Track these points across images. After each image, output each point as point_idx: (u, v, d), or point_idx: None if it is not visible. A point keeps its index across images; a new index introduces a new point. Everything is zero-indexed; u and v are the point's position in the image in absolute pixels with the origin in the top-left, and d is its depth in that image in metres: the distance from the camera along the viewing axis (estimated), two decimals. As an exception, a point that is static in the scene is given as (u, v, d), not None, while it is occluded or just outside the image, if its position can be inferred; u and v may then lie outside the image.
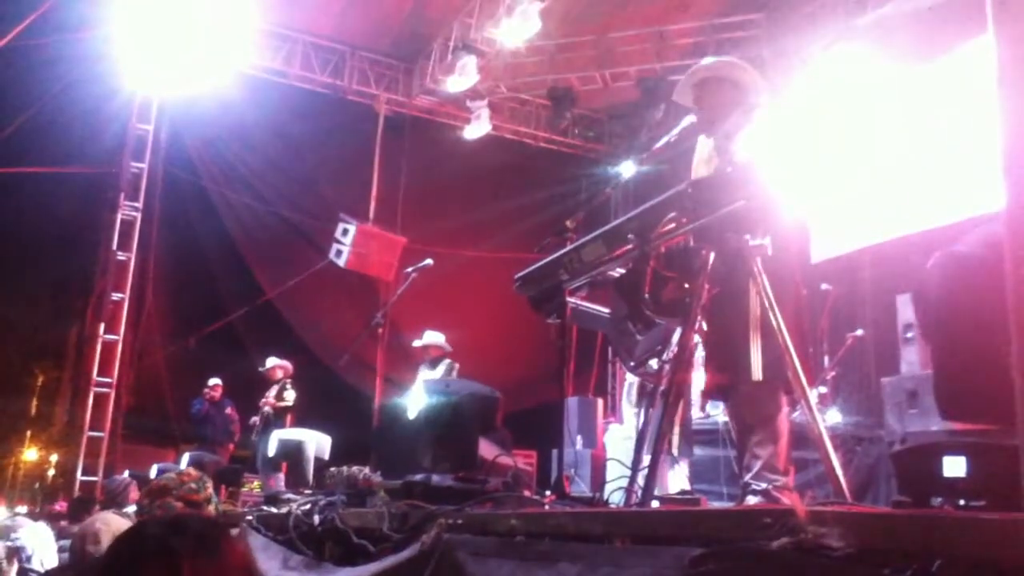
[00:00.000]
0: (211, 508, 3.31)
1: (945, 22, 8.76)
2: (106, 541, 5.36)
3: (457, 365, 8.75)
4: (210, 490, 3.34)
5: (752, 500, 3.38)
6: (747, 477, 3.48)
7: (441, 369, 8.66)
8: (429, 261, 7.81)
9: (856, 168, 10.01)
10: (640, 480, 3.33)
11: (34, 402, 30.08)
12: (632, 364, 4.03)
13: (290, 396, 10.14)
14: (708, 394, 3.67)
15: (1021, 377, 1.18)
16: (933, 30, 9.04)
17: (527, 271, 3.97)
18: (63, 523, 7.70)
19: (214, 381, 11.67)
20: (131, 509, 6.01)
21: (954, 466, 2.08)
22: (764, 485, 3.38)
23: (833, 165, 10.29)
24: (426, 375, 8.70)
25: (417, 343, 9.08)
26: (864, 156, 9.89)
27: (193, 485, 3.26)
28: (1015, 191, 1.24)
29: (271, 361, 10.66)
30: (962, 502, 2.12)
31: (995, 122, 1.35)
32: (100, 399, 11.31)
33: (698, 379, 3.92)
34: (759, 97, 3.90)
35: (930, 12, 9.14)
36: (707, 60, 4.20)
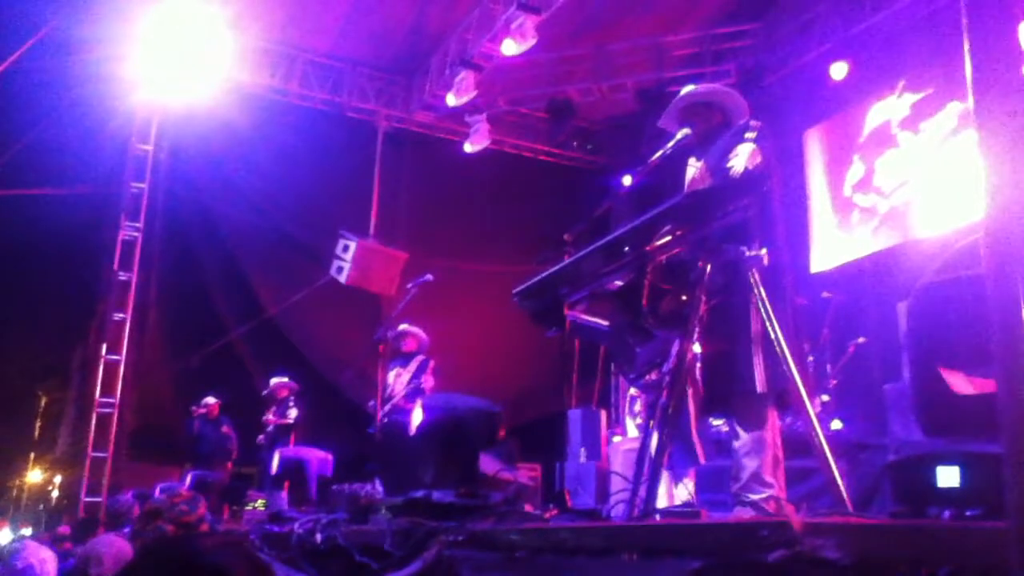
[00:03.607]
0: (205, 528, 3.30)
1: (942, 31, 8.79)
2: (108, 563, 5.35)
3: (432, 362, 8.52)
4: (202, 510, 3.33)
5: (741, 511, 3.41)
6: (735, 488, 3.51)
7: (413, 366, 8.40)
8: (429, 276, 7.80)
9: (857, 179, 10.04)
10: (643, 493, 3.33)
11: (38, 424, 30.10)
12: (632, 376, 4.02)
13: (293, 414, 10.14)
14: (707, 406, 3.67)
15: (1004, 387, 1.19)
16: (931, 39, 9.08)
17: (526, 285, 3.97)
18: (67, 545, 7.70)
19: (209, 400, 11.64)
20: (133, 530, 6.00)
21: (948, 476, 2.08)
22: (753, 496, 3.41)
23: (834, 176, 10.32)
24: (396, 371, 8.53)
25: (392, 333, 8.74)
26: (865, 167, 9.93)
27: (184, 507, 3.26)
28: (995, 211, 1.27)
29: (275, 380, 10.64)
30: (965, 512, 2.12)
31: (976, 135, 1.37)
32: (104, 419, 11.30)
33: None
34: (747, 121, 3.93)
35: (927, 21, 9.18)
36: (689, 88, 4.25)
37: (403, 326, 8.80)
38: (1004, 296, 1.20)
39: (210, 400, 11.62)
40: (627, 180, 4.22)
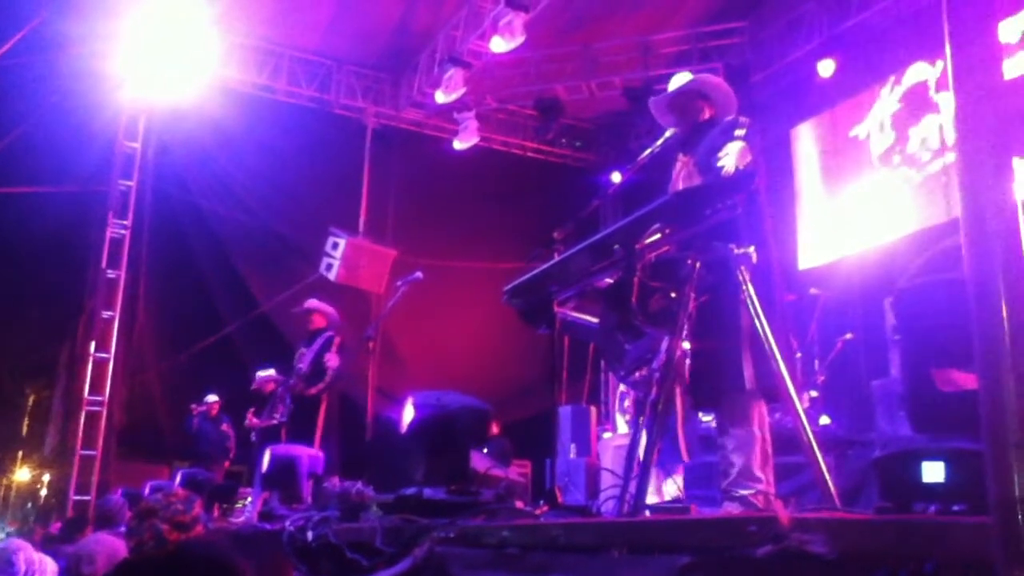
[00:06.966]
0: (200, 528, 3.30)
1: (929, 29, 8.83)
2: (100, 562, 5.35)
3: (338, 340, 8.22)
4: (198, 510, 3.34)
5: (730, 506, 3.43)
6: (724, 483, 3.53)
7: (317, 344, 8.08)
8: (419, 274, 7.78)
9: (841, 177, 10.07)
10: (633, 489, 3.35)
11: (26, 422, 29.93)
12: (622, 374, 4.04)
13: (278, 414, 10.07)
14: (697, 403, 3.70)
15: (985, 384, 1.22)
16: (917, 37, 9.11)
17: (516, 283, 3.98)
18: (56, 544, 7.66)
19: (210, 397, 11.61)
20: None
21: (933, 471, 2.11)
22: (742, 492, 3.43)
23: (818, 175, 10.34)
24: (300, 352, 8.30)
25: (297, 310, 8.56)
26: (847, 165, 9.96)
27: (180, 506, 3.26)
28: (971, 212, 1.29)
29: (260, 374, 10.54)
30: (951, 507, 2.15)
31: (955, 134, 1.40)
32: (92, 417, 11.26)
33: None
34: (735, 117, 3.94)
35: (913, 19, 9.22)
36: (681, 76, 4.26)
37: (309, 302, 8.54)
38: (984, 296, 1.23)
39: (211, 398, 11.58)
40: (616, 178, 4.25)
